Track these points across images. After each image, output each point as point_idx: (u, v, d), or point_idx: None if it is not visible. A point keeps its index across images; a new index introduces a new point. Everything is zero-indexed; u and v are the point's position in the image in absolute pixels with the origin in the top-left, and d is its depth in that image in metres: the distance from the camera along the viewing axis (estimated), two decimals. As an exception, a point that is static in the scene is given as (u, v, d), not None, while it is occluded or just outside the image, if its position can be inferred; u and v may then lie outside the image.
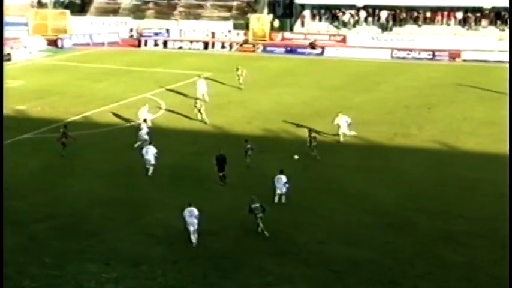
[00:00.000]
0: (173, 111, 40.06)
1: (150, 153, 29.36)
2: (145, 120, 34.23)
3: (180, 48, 67.29)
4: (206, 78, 45.93)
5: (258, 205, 23.53)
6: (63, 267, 21.19)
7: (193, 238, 22.78)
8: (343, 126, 34.08)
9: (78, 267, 21.17)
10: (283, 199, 26.42)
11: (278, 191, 26.41)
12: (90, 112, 40.27)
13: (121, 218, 25.07)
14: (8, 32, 68.57)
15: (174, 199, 26.10)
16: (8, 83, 48.23)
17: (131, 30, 73.00)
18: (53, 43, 66.72)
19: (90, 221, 24.75)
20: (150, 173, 29.16)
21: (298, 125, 36.80)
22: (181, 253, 22.31)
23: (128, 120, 37.80)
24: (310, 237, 23.44)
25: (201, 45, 67.45)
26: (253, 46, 66.51)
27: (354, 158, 31.78)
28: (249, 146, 30.28)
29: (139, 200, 26.75)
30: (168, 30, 71.38)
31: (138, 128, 33.50)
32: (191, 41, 68.19)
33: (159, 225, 24.38)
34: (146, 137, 32.28)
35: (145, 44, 68.45)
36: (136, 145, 32.11)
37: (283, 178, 26.38)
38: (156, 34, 70.91)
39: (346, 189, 27.99)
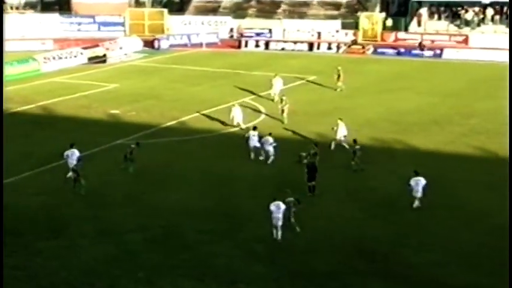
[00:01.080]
0: (273, 117, 40.29)
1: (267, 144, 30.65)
2: (255, 128, 34.49)
3: (283, 49, 67.72)
4: (308, 81, 45.98)
5: (292, 199, 24.65)
6: (156, 283, 21.64)
7: (279, 235, 23.76)
8: (340, 133, 33.94)
9: (171, 283, 21.55)
10: (417, 203, 26.14)
11: (418, 195, 26.07)
12: (186, 117, 41.13)
13: (217, 231, 25.35)
14: (104, 33, 71.46)
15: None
16: (102, 86, 50.16)
17: (231, 30, 74.16)
18: (149, 44, 68.74)
19: (184, 234, 25.18)
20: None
21: (413, 134, 36.08)
22: (282, 271, 22.29)
23: (225, 127, 38.32)
24: (424, 258, 22.88)
25: (305, 46, 67.62)
26: (363, 47, 65.98)
27: (476, 172, 30.80)
28: (357, 147, 30.37)
29: (237, 212, 26.98)
30: (270, 30, 72.00)
31: (246, 138, 33.63)
32: (295, 42, 68.49)
33: (258, 240, 24.48)
34: (258, 144, 32.78)
35: (246, 45, 69.36)
36: (252, 156, 32.73)
37: (422, 180, 26.13)
38: (258, 34, 71.68)
39: (465, 206, 27.15)
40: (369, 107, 43.31)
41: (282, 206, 24.10)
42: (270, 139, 32.50)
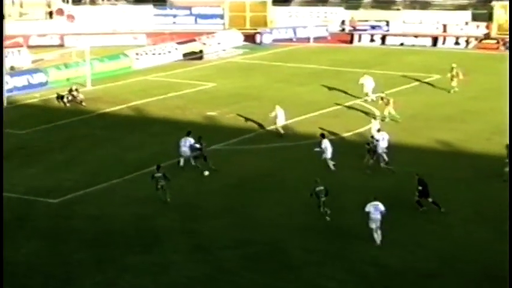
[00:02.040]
0: (391, 123, 39.90)
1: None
2: (379, 130, 34.51)
3: (402, 44, 67.02)
4: (427, 84, 45.41)
5: (322, 188, 27.10)
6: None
7: (377, 237, 24.97)
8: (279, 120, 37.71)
9: (273, 307, 21.71)
10: None
11: None
12: (290, 121, 41.30)
13: (325, 250, 25.34)
14: (201, 26, 72.64)
15: (391, 232, 25.90)
16: (198, 85, 51.08)
17: (342, 22, 73.99)
18: (250, 38, 69.44)
19: (289, 252, 25.28)
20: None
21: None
22: (397, 299, 22.11)
23: (334, 133, 38.25)
24: None
25: (428, 41, 66.70)
26: (497, 42, 64.41)
27: None
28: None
29: (348, 229, 26.86)
30: (387, 23, 71.36)
31: (370, 145, 33.54)
32: (416, 36, 67.65)
33: (371, 262, 24.32)
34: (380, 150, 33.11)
35: (359, 40, 69.04)
36: (382, 165, 32.92)
37: None
38: (373, 27, 71.20)
39: None
40: (502, 111, 42.14)
41: (381, 208, 25.12)
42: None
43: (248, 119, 40.99)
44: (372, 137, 33.98)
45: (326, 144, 33.54)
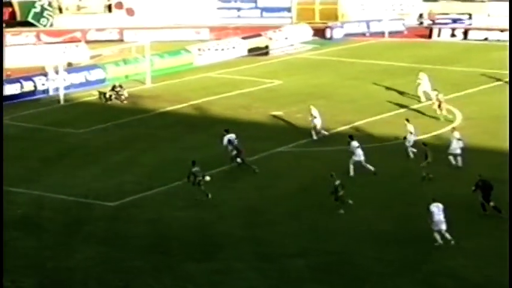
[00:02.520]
0: (471, 125, 39.49)
1: None
2: (453, 129, 34.72)
3: (486, 39, 65.98)
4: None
5: (339, 182, 28.87)
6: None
7: (449, 236, 25.77)
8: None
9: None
10: None
11: None
12: (362, 121, 41.15)
13: (398, 260, 25.25)
14: (267, 19, 72.80)
15: (466, 241, 25.65)
16: (264, 83, 51.25)
17: (420, 16, 73.29)
18: (320, 33, 69.30)
19: (359, 262, 25.24)
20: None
21: None
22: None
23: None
24: None
25: (515, 36, 65.49)
26: None
27: None
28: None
29: (423, 238, 26.66)
30: (470, 16, 70.43)
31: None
32: (502, 30, 66.48)
33: (448, 274, 24.16)
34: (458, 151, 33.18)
35: (439, 35, 68.19)
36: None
37: None
38: (454, 21, 70.33)
39: None
40: None
41: (441, 207, 25.98)
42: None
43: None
44: (424, 143, 34.18)
45: (354, 146, 33.63)
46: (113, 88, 47.05)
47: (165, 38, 65.80)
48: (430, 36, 68.47)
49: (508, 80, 46.53)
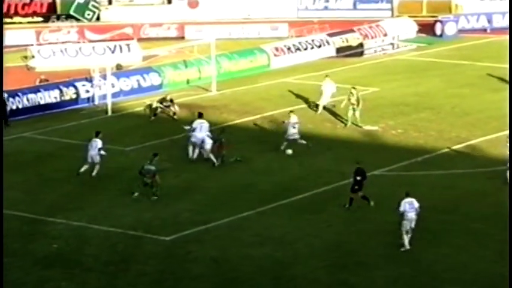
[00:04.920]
0: None
1: None
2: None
3: None
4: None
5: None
6: None
7: (406, 239, 28.86)
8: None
9: None
10: None
11: None
12: (479, 139, 40.84)
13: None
14: (361, 12, 72.49)
15: None
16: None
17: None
18: (427, 29, 68.87)
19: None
20: None
21: None
22: None
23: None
24: None
25: None
26: None
27: None
28: None
29: None
30: None
31: None
32: None
33: None
34: None
35: None
36: None
37: None
38: None
39: None
40: None
41: (416, 204, 29.02)
42: None
43: None
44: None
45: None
46: (162, 101, 46.73)
47: (234, 35, 66.40)
48: None
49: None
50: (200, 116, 40.33)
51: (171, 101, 46.84)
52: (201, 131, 39.10)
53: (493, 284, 27.13)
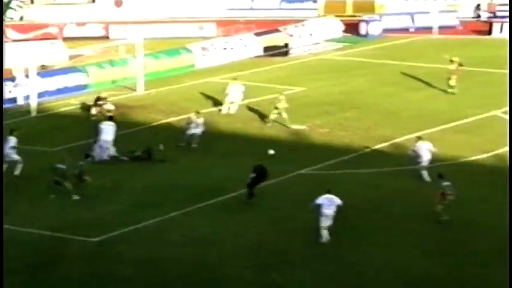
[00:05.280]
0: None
1: None
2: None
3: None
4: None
5: (448, 183, 31.02)
6: None
7: (325, 234, 29.37)
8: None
9: None
10: None
11: None
12: (402, 138, 41.29)
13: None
14: (287, 11, 72.87)
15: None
16: (281, 90, 51.10)
17: (477, 7, 73.36)
18: (352, 28, 69.44)
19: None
20: None
21: None
22: None
23: (468, 151, 38.56)
24: None
25: None
26: None
27: None
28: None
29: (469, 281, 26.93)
30: (539, 7, 70.44)
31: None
32: None
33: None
34: None
35: (501, 30, 68.10)
36: None
37: None
38: (519, 14, 70.32)
39: None
40: None
41: (337, 202, 29.40)
42: None
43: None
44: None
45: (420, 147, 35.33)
46: (97, 102, 46.25)
47: (160, 34, 66.20)
48: (489, 32, 68.48)
49: None
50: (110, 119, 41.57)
51: (105, 98, 46.65)
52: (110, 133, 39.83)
53: (415, 280, 27.47)
